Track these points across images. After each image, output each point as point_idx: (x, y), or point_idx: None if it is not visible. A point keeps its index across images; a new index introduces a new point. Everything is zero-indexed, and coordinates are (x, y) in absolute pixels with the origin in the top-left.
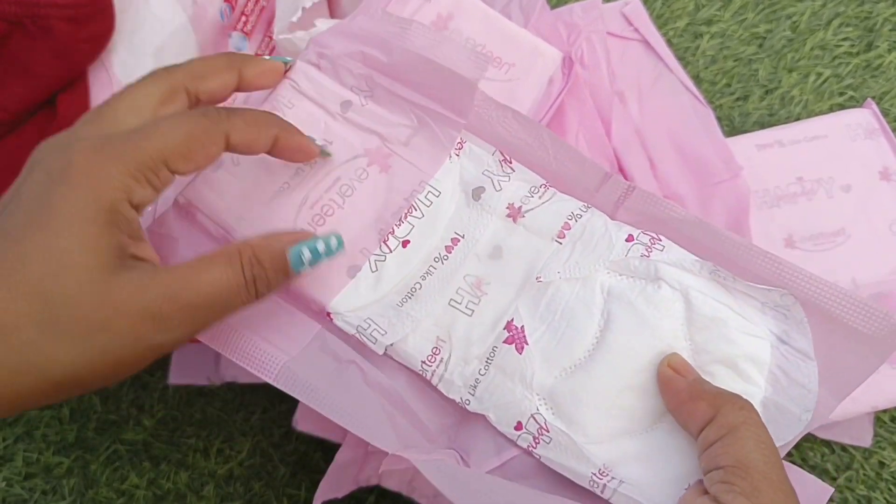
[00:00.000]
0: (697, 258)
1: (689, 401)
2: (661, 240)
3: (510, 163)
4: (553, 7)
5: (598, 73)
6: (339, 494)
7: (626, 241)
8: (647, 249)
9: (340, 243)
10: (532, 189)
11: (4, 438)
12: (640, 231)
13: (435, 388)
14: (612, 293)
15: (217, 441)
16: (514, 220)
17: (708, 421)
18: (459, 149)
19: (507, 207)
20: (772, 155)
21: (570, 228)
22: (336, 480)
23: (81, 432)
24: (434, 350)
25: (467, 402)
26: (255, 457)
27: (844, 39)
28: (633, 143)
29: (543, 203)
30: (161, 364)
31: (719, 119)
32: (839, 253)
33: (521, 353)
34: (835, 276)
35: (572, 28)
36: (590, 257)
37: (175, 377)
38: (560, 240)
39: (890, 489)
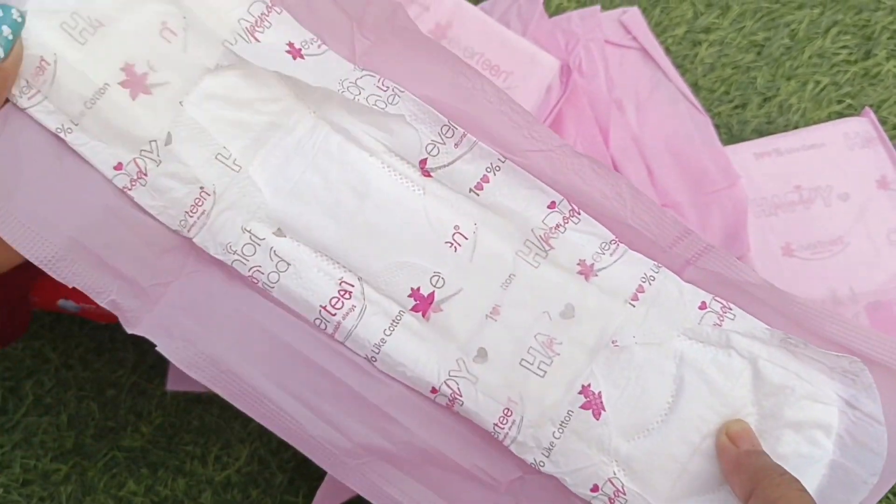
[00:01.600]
0: (768, 327)
1: (734, 472)
2: (731, 308)
3: (578, 213)
4: (551, 15)
5: (596, 81)
6: (337, 502)
7: (700, 308)
8: (719, 318)
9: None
10: (602, 245)
11: (2, 445)
12: (711, 297)
13: (500, 444)
14: (684, 360)
15: (215, 448)
16: (587, 279)
17: (748, 494)
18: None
19: (579, 264)
20: (770, 163)
21: (643, 291)
22: (334, 488)
23: (79, 439)
24: (505, 412)
25: (542, 464)
26: (252, 464)
27: (843, 47)
28: (630, 151)
29: (616, 261)
30: (159, 371)
31: (717, 127)
32: (837, 262)
33: (598, 419)
34: (833, 284)
35: (570, 36)
36: (665, 323)
37: (173, 384)
38: (633, 302)
39: None
